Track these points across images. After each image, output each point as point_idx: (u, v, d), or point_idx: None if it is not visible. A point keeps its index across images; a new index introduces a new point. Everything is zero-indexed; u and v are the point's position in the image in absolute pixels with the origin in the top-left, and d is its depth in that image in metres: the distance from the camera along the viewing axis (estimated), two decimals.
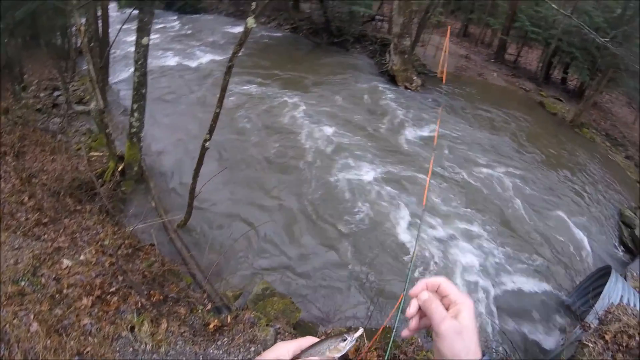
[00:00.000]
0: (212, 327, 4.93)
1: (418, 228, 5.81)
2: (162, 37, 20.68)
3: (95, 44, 11.11)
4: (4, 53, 10.90)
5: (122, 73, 15.22)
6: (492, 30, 26.99)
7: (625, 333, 5.69)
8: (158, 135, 11.11)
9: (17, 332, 4.03)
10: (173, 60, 17.12)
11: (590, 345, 5.64)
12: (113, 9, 20.23)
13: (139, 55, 7.91)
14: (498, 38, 25.16)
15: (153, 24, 8.56)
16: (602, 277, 7.51)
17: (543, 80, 22.50)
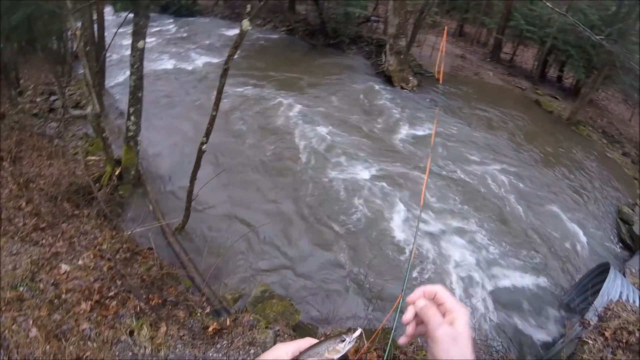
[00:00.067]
0: (211, 330, 4.92)
1: (416, 228, 5.80)
2: (158, 40, 20.68)
3: (91, 48, 11.10)
4: (1, 58, 10.88)
5: (118, 77, 15.20)
6: (487, 30, 27.08)
7: (625, 329, 5.69)
8: (155, 139, 11.10)
9: (16, 337, 4.02)
10: (169, 64, 17.12)
11: (590, 342, 5.64)
12: (109, 13, 20.23)
13: (135, 59, 7.91)
14: (493, 37, 25.22)
15: (149, 28, 8.55)
16: (600, 274, 7.52)
17: (539, 79, 22.55)
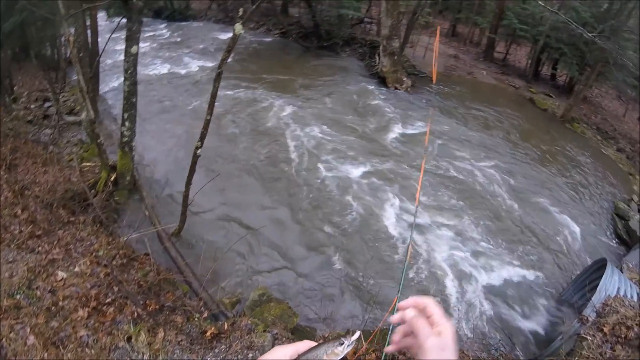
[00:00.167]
0: (209, 334, 4.91)
1: (411, 229, 5.80)
2: (151, 45, 20.68)
3: (85, 54, 11.07)
4: None
5: (112, 82, 15.17)
6: (480, 29, 27.12)
7: (624, 325, 5.72)
8: (150, 144, 11.08)
9: (14, 345, 4.01)
10: (163, 68, 17.11)
11: (589, 338, 5.66)
12: (102, 19, 20.22)
13: (129, 64, 7.89)
14: (486, 37, 25.25)
15: (142, 33, 8.54)
16: (598, 269, 7.54)
17: (532, 77, 22.61)
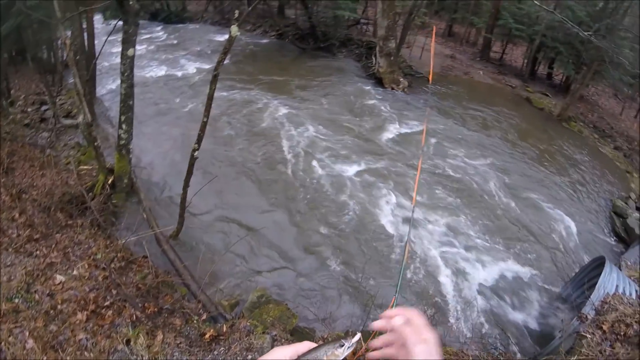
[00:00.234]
0: (208, 337, 4.90)
1: (409, 229, 5.80)
2: (148, 47, 20.67)
3: (82, 57, 11.07)
4: None
5: (109, 85, 15.15)
6: (476, 29, 27.21)
7: (623, 322, 5.72)
8: (147, 147, 11.06)
9: (13, 349, 4.00)
10: (160, 71, 17.08)
11: (588, 336, 5.66)
12: (98, 21, 20.19)
13: (125, 67, 7.88)
14: (482, 36, 25.34)
15: (138, 35, 8.53)
16: (596, 267, 7.55)
17: (529, 76, 22.66)
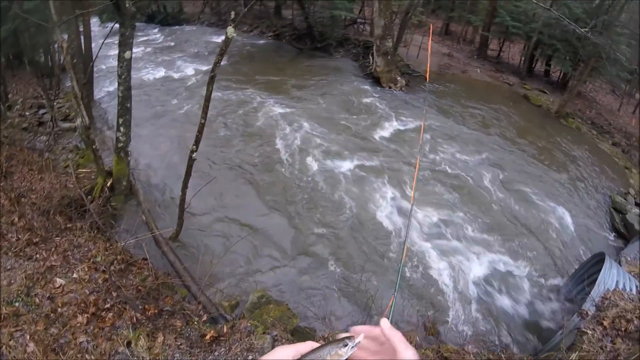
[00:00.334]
0: (208, 337, 4.91)
1: (407, 228, 5.80)
2: (145, 50, 20.65)
3: (79, 60, 11.05)
4: None
5: (106, 87, 15.15)
6: (473, 27, 27.22)
7: (623, 318, 5.73)
8: (145, 149, 11.06)
9: (13, 353, 4.01)
10: (157, 73, 17.07)
11: (589, 332, 5.68)
12: (95, 24, 20.19)
13: (122, 70, 7.87)
14: (479, 35, 25.32)
15: (135, 38, 8.53)
16: (596, 263, 7.56)
17: (526, 74, 22.68)
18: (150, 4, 27.45)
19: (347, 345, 0.90)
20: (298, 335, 5.86)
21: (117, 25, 7.88)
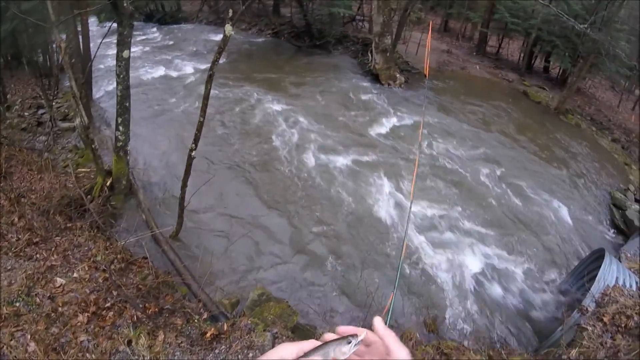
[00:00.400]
0: (209, 335, 4.92)
1: (406, 225, 5.81)
2: (143, 49, 20.59)
3: (77, 60, 11.03)
4: None
5: (105, 87, 15.10)
6: (472, 24, 27.22)
7: (624, 314, 5.75)
8: (145, 148, 11.04)
9: (15, 353, 4.02)
10: (155, 72, 17.02)
11: (589, 329, 5.69)
12: (93, 24, 20.15)
13: (121, 69, 7.86)
14: (478, 31, 25.35)
15: (133, 37, 8.51)
16: (596, 260, 7.56)
17: (525, 70, 22.70)
18: (148, 3, 27.42)
19: (350, 343, 0.92)
20: (298, 333, 5.87)
21: (115, 25, 7.85)
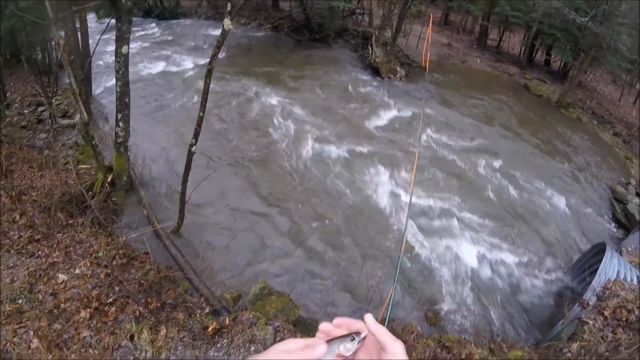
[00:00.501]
0: (211, 330, 4.94)
1: (406, 219, 5.81)
2: (142, 45, 20.49)
3: (76, 57, 11.01)
4: None
5: (105, 83, 15.06)
6: (472, 17, 27.07)
7: (624, 308, 5.76)
8: (145, 144, 11.03)
9: (18, 349, 4.04)
10: (155, 68, 16.96)
11: (590, 322, 5.71)
12: (92, 20, 20.06)
13: (120, 65, 7.85)
14: (479, 24, 25.20)
15: (132, 33, 8.50)
16: (597, 254, 7.58)
17: (527, 64, 22.62)
18: None
19: (354, 339, 0.94)
20: (300, 326, 5.89)
21: (113, 21, 7.83)
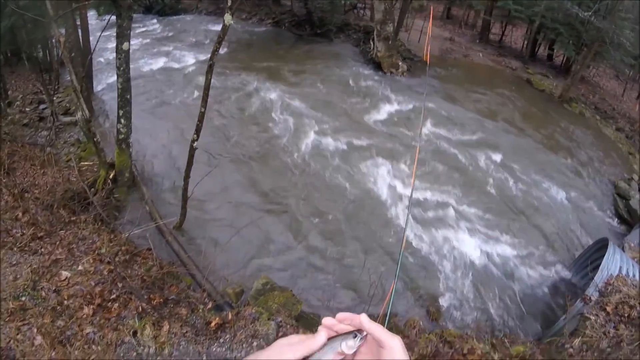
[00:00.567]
0: (213, 325, 4.95)
1: (407, 215, 5.80)
2: (143, 41, 20.46)
3: (77, 54, 11.02)
4: None
5: (106, 80, 15.06)
6: (475, 11, 26.93)
7: (627, 304, 5.76)
8: (147, 140, 11.04)
9: (21, 347, 4.06)
10: (156, 64, 16.93)
11: (592, 318, 5.70)
12: (92, 17, 20.04)
13: (121, 61, 7.84)
14: (481, 18, 25.07)
15: (133, 29, 8.48)
16: (599, 249, 7.57)
17: (529, 58, 22.51)
18: None
19: (357, 336, 0.96)
20: (303, 321, 5.92)
21: (114, 17, 7.81)
